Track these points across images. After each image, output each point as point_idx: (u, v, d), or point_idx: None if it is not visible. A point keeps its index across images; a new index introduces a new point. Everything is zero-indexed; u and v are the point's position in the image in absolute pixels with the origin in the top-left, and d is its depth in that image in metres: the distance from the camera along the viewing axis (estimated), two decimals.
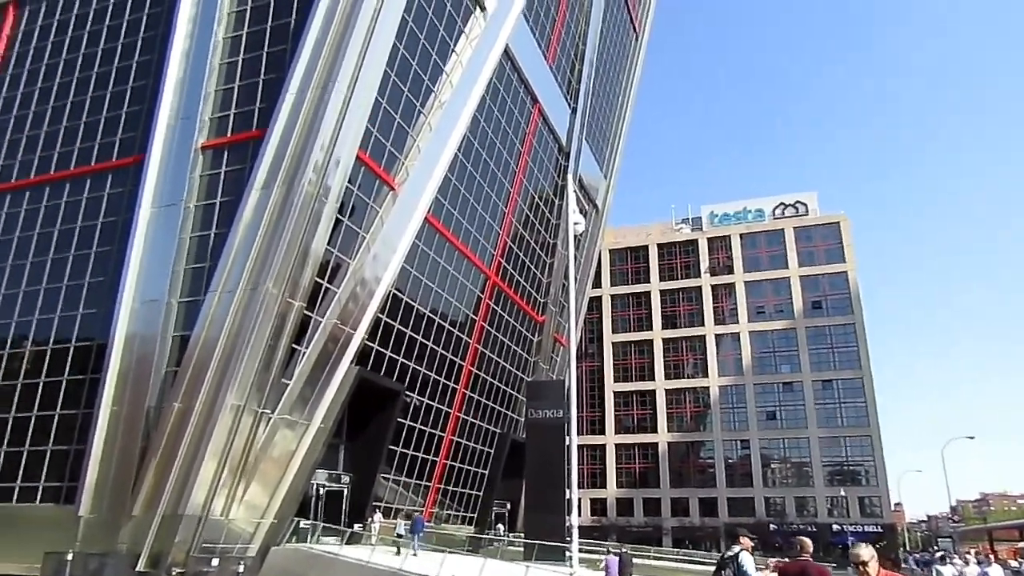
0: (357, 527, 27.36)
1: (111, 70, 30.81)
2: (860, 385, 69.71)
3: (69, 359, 26.71)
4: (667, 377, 76.68)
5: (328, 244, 24.92)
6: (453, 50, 32.02)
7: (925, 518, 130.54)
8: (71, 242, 28.52)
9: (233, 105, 27.09)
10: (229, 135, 26.59)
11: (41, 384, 26.92)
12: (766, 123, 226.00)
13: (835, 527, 63.02)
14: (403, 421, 31.37)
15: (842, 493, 65.02)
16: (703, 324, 77.53)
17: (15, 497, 25.75)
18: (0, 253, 29.96)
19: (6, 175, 31.43)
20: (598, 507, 72.55)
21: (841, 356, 72.14)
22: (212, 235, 25.21)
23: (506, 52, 36.29)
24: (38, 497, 25.34)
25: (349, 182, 25.68)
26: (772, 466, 70.49)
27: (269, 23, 27.79)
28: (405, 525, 27.39)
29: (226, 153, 26.44)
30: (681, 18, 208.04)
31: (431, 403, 33.43)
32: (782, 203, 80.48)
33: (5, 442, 26.76)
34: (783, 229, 79.25)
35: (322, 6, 25.88)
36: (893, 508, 70.72)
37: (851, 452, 68.45)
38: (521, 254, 41.53)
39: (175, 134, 27.16)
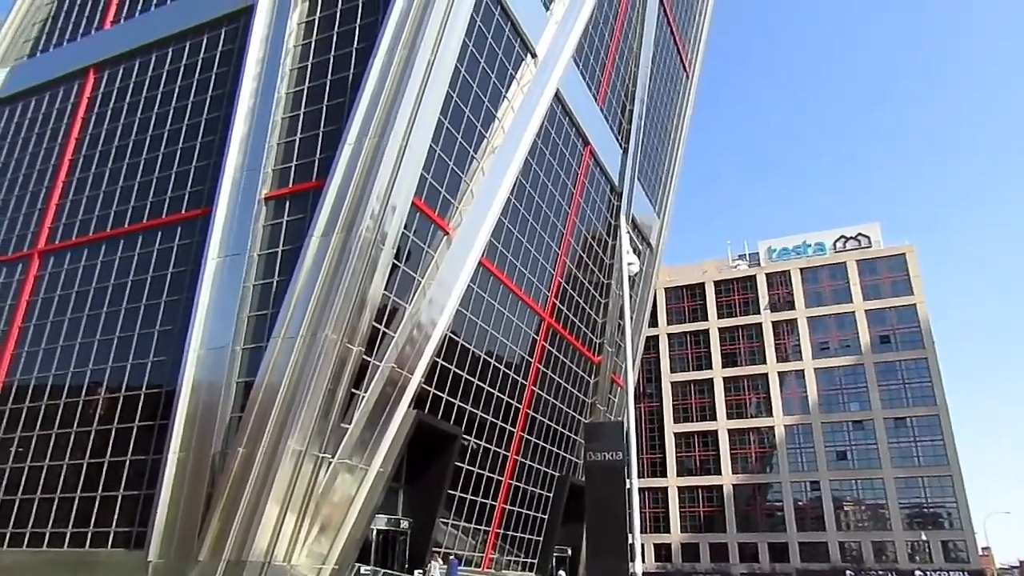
0: (417, 573, 27.18)
1: (182, 127, 32.38)
2: (936, 422, 66.57)
3: (140, 406, 27.62)
4: (729, 417, 74.67)
5: (385, 289, 25.35)
6: (505, 96, 32.63)
7: (1017, 563, 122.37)
8: (143, 292, 29.71)
9: (295, 157, 28.11)
10: (291, 185, 27.53)
11: (114, 430, 27.85)
12: (822, 154, 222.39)
13: (917, 573, 59.63)
14: (461, 465, 31.28)
15: (923, 537, 61.62)
16: (765, 362, 75.52)
17: (88, 542, 26.51)
18: (78, 303, 31.41)
19: (84, 229, 33.13)
20: (663, 553, 70.45)
21: (914, 392, 69.16)
22: (274, 282, 25.95)
23: (557, 96, 36.80)
24: (109, 542, 26.02)
25: (405, 228, 26.19)
26: (845, 508, 67.41)
27: (328, 77, 28.91)
28: (440, 568, 27.10)
29: (288, 203, 27.34)
30: (733, 50, 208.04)
31: (488, 446, 33.28)
32: (843, 236, 78.46)
33: (80, 487, 27.67)
34: (845, 262, 77.08)
35: (378, 60, 26.82)
36: (981, 552, 66.63)
37: (931, 493, 65.03)
38: (575, 295, 41.42)
39: (240, 186, 28.26)
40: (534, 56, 34.59)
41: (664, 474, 74.10)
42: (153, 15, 37.09)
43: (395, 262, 25.81)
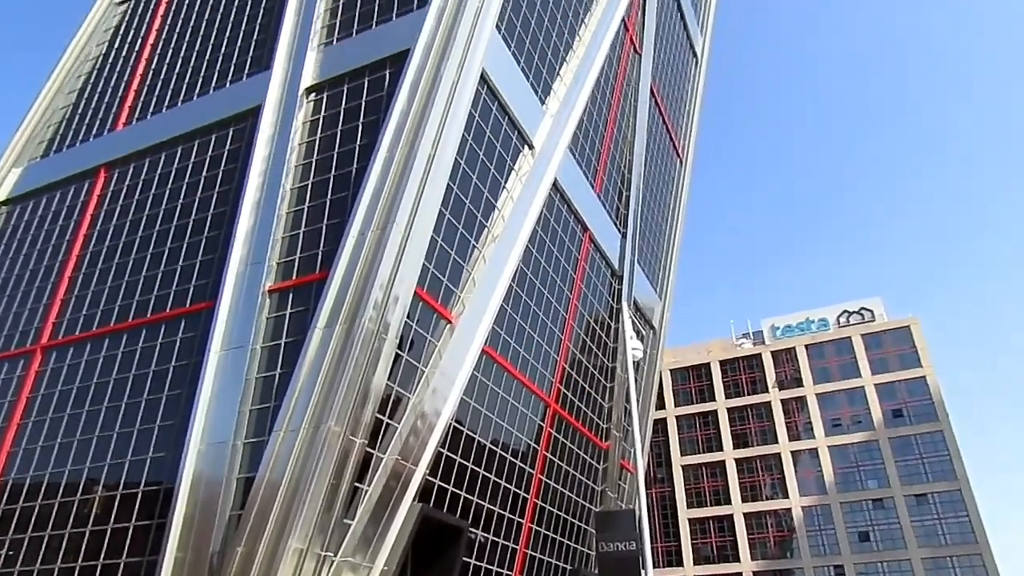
0: None
1: (188, 222, 33.04)
2: (959, 497, 64.72)
3: (137, 504, 27.00)
4: (744, 500, 72.74)
5: (388, 380, 25.22)
6: (504, 186, 33.40)
7: None
8: (144, 387, 29.58)
9: (299, 250, 28.55)
10: (294, 278, 27.84)
11: (109, 530, 27.14)
12: (819, 231, 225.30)
13: None
14: (468, 560, 30.26)
15: None
16: (777, 441, 74.22)
17: None
18: (78, 399, 31.22)
19: (88, 324, 33.31)
20: None
21: (933, 466, 67.58)
22: (277, 375, 25.85)
23: (555, 185, 37.64)
24: None
25: (408, 318, 26.29)
26: None
27: (332, 172, 29.72)
28: None
29: (291, 295, 27.58)
30: (725, 131, 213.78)
31: (497, 539, 32.29)
32: (846, 311, 78.60)
33: None
34: (850, 337, 76.88)
35: (381, 155, 27.63)
36: None
37: (960, 574, 62.52)
38: (580, 380, 41.13)
39: (244, 279, 28.58)
40: (531, 148, 35.61)
41: (680, 563, 71.58)
42: (164, 116, 38.50)
43: (398, 352, 25.79)
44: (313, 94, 33.19)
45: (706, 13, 71.69)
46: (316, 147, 31.18)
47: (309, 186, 30.05)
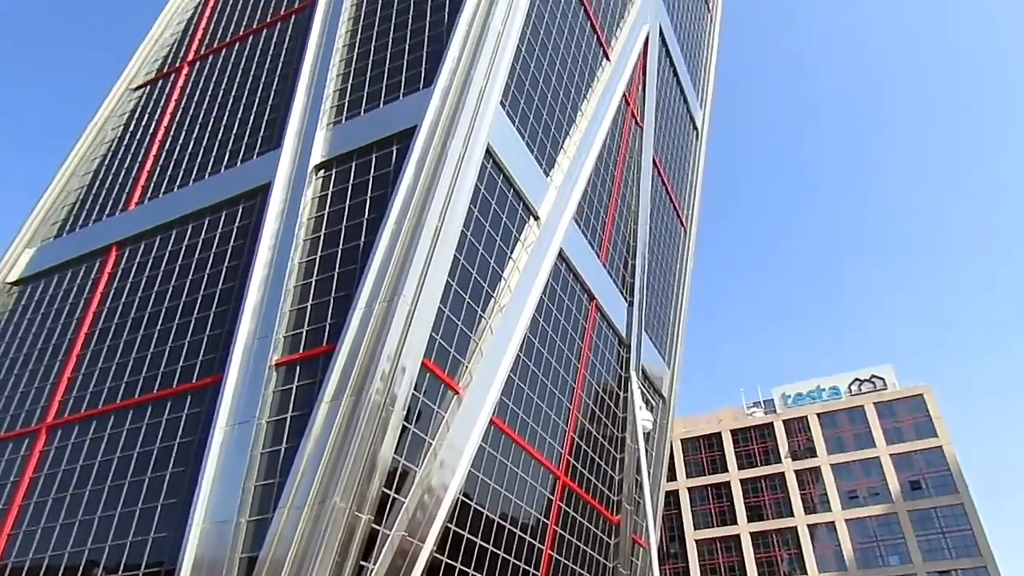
0: None
1: (197, 298, 33.27)
2: (985, 574, 62.23)
3: None
4: None
5: (395, 453, 24.84)
6: (510, 257, 33.70)
7: None
8: (148, 465, 29.16)
9: (306, 322, 28.62)
10: (301, 351, 27.80)
11: None
12: (827, 297, 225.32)
13: None
14: None
15: None
16: (792, 514, 72.21)
17: None
18: (81, 479, 30.74)
19: (94, 401, 33.13)
20: None
21: (955, 542, 65.37)
22: (282, 450, 25.49)
23: (560, 255, 37.97)
24: None
25: (415, 389, 26.11)
26: None
27: (340, 246, 30.10)
28: None
29: (298, 368, 27.49)
30: (729, 198, 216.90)
31: None
32: (857, 379, 77.69)
33: None
34: (863, 406, 75.80)
35: (388, 229, 28.02)
36: None
37: None
38: (590, 451, 40.43)
39: (251, 353, 28.55)
40: (537, 219, 36.10)
41: None
42: (176, 195, 39.33)
43: (405, 424, 25.49)
44: (322, 171, 33.97)
45: (705, 88, 73.80)
46: (324, 222, 31.68)
47: (317, 260, 30.38)
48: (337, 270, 29.31)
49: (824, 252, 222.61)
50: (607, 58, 47.77)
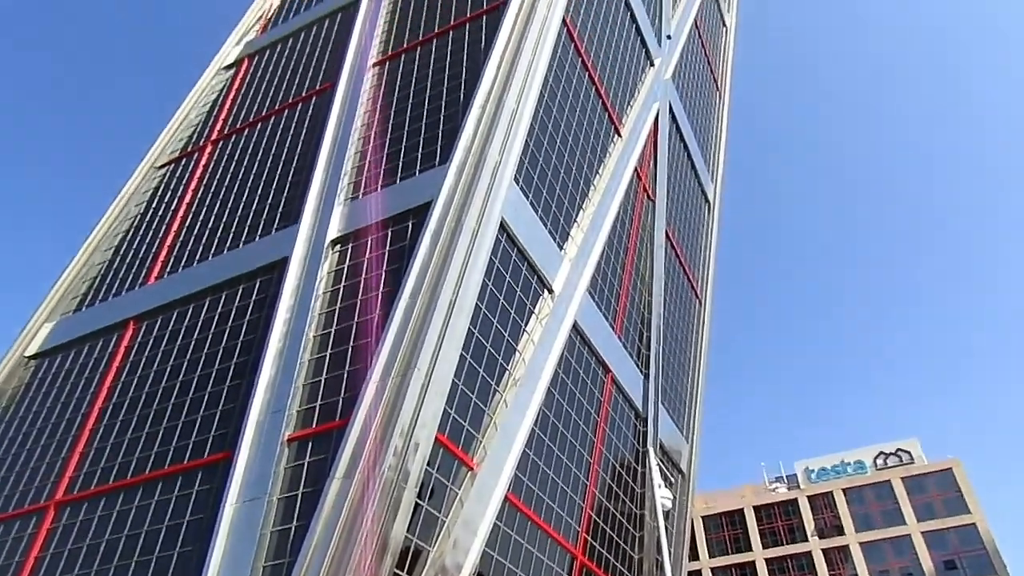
0: None
1: (211, 372, 33.25)
2: None
3: None
4: None
5: (408, 531, 24.16)
6: (524, 330, 33.59)
7: None
8: (156, 543, 28.53)
9: (319, 397, 28.42)
10: (314, 426, 27.51)
11: None
12: (848, 370, 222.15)
13: None
14: None
15: None
16: None
17: None
18: (87, 559, 30.08)
19: (104, 477, 32.75)
20: None
21: None
22: (293, 528, 24.88)
23: (575, 327, 37.83)
24: None
25: (428, 465, 25.60)
26: None
27: (355, 319, 30.17)
28: None
29: (311, 444, 27.12)
30: (745, 269, 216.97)
31: None
32: (882, 452, 75.57)
33: None
34: (890, 480, 73.55)
35: (403, 302, 28.11)
36: None
37: None
38: (608, 529, 39.21)
39: (264, 429, 28.26)
40: (551, 292, 36.16)
41: None
42: (195, 269, 39.91)
43: (418, 501, 24.88)
44: (338, 245, 34.42)
45: (716, 163, 74.97)
46: (340, 296, 31.89)
47: (332, 333, 30.42)
48: (352, 344, 29.28)
49: (840, 325, 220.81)
50: (618, 134, 48.78)
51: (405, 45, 46.05)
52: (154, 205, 48.82)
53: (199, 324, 36.15)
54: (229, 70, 59.57)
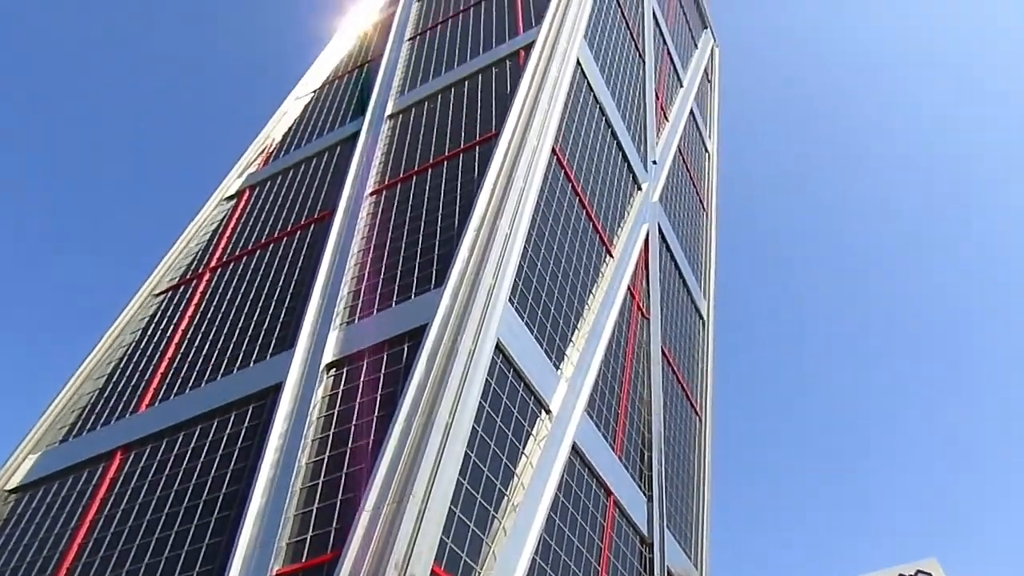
0: None
1: (199, 504, 32.06)
2: None
3: None
4: None
5: None
6: (523, 452, 32.83)
7: None
8: None
9: (310, 528, 27.25)
10: (304, 560, 26.20)
11: None
12: (861, 488, 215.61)
13: None
14: None
15: None
16: None
17: None
18: None
19: None
20: None
21: None
22: None
23: (574, 449, 37.03)
24: None
25: None
26: None
27: (349, 445, 29.48)
28: None
29: None
30: (745, 383, 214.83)
31: None
32: (901, 574, 72.08)
33: None
34: None
35: (398, 427, 27.57)
36: None
37: None
38: None
39: (251, 564, 26.90)
40: (548, 412, 35.65)
41: None
42: (187, 397, 39.38)
43: None
44: (334, 369, 34.21)
45: (707, 280, 76.24)
46: (334, 421, 31.33)
47: (325, 460, 29.63)
48: (345, 470, 28.45)
49: (848, 438, 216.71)
50: (610, 255, 49.84)
51: (401, 175, 47.87)
52: (149, 332, 48.86)
53: (188, 453, 35.24)
54: (230, 201, 61.49)
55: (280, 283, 44.35)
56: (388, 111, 57.38)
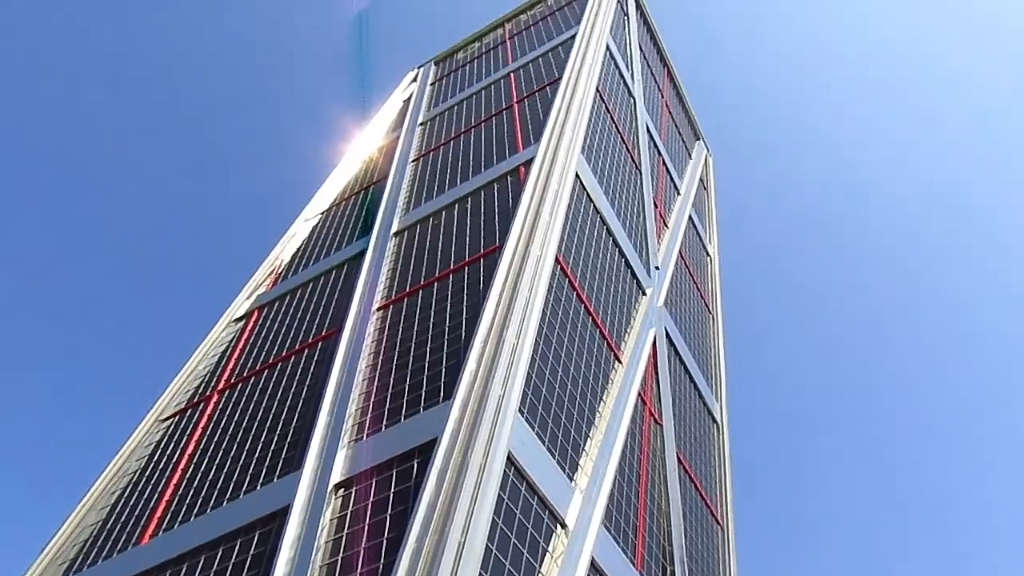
0: None
1: None
2: None
3: None
4: None
5: None
6: (539, 570, 31.42)
7: None
8: None
9: None
10: None
11: None
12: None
13: None
14: None
15: None
16: None
17: None
18: None
19: None
20: None
21: None
22: None
23: (592, 565, 35.41)
24: None
25: None
26: None
27: (359, 569, 28.29)
28: None
29: None
30: (759, 492, 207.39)
31: None
32: None
33: None
34: None
35: (409, 547, 26.42)
36: None
37: None
38: None
39: None
40: (564, 527, 34.38)
41: None
42: (192, 525, 38.24)
43: None
44: (342, 489, 33.37)
45: (719, 382, 75.46)
46: (343, 545, 30.20)
47: (338, 561, 28.48)
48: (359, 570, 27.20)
49: (875, 532, 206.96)
50: (619, 361, 49.60)
51: (408, 289, 48.53)
52: (155, 459, 48.09)
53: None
54: (239, 322, 62.11)
55: (288, 402, 44.04)
56: (394, 228, 58.94)
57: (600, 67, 72.33)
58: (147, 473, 46.90)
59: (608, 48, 78.83)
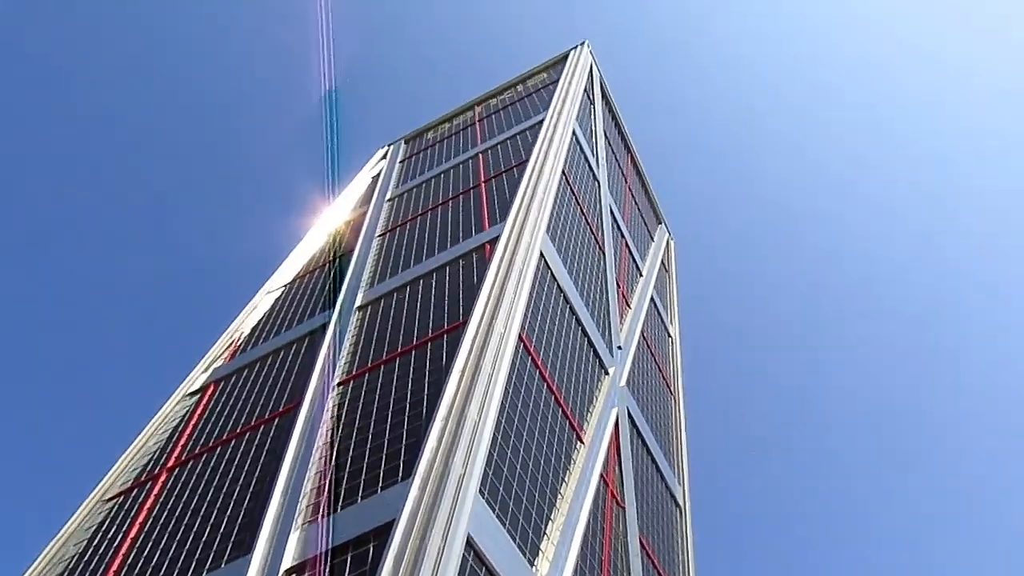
0: None
1: None
2: None
3: None
4: None
5: None
6: None
7: None
8: None
9: None
10: None
11: None
12: None
13: None
14: None
15: None
16: None
17: None
18: None
19: None
20: None
21: None
22: None
23: None
24: None
25: None
26: None
27: None
28: None
29: None
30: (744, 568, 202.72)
31: None
32: None
33: None
34: None
35: None
36: None
37: None
38: None
39: None
40: None
41: None
42: None
43: None
44: (294, 575, 31.88)
45: (680, 466, 75.05)
46: None
47: None
48: None
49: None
50: (581, 441, 49.16)
51: (369, 364, 47.93)
52: (95, 543, 45.48)
53: None
54: (194, 396, 60.34)
55: (241, 481, 42.41)
56: (358, 303, 58.68)
57: (566, 151, 74.57)
58: (85, 558, 44.23)
59: (574, 133, 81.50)
